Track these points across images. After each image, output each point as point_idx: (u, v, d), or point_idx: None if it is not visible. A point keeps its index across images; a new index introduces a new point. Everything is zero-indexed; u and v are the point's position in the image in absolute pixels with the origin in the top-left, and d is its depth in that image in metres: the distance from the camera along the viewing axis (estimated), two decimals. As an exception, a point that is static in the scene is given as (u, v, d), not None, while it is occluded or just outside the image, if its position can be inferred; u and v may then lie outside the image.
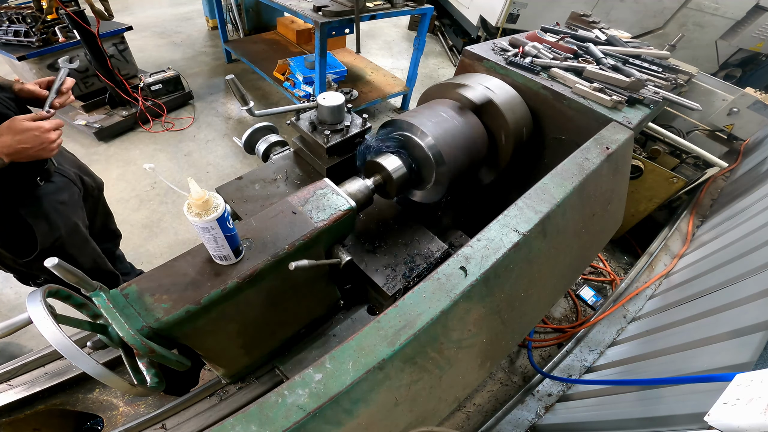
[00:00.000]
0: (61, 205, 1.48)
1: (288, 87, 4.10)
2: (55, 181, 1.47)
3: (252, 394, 1.25)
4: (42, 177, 1.40)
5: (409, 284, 1.18)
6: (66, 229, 1.49)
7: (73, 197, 1.56)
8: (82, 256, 1.61)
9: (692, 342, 1.49)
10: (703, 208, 2.80)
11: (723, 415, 0.76)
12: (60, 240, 1.47)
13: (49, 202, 1.43)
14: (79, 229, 1.57)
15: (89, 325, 0.74)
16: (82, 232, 1.60)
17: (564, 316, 2.67)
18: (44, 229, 1.41)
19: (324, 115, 1.29)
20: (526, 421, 1.84)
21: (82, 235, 1.61)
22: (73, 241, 1.54)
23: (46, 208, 1.41)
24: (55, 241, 1.45)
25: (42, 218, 1.40)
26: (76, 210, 1.57)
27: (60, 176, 1.51)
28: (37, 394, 1.30)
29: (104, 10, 3.01)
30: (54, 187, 1.47)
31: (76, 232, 1.56)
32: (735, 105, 2.65)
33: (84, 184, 1.68)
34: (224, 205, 0.73)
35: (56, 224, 1.45)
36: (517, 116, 1.49)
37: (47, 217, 1.42)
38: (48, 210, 1.42)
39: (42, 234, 1.40)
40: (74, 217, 1.55)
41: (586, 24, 2.17)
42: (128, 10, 6.39)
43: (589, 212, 1.28)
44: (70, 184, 1.56)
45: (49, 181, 1.44)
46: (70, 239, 1.52)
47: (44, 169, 1.41)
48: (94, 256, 1.70)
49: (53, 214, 1.44)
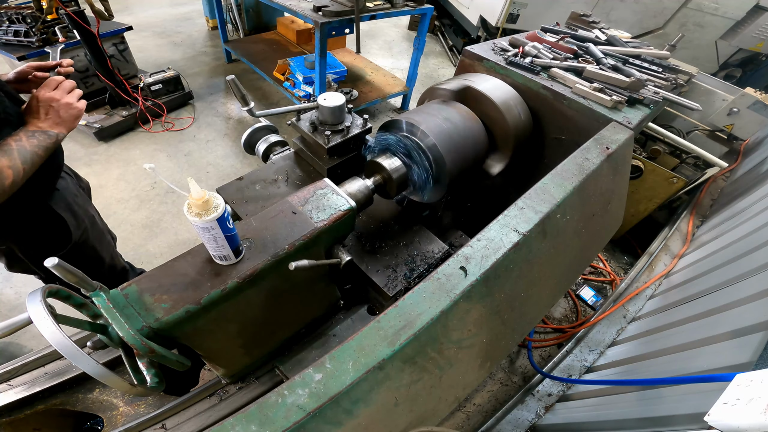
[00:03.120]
0: (77, 197, 1.48)
1: (288, 87, 4.10)
2: (64, 176, 1.47)
3: (252, 394, 1.25)
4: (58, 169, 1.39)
5: (410, 285, 1.18)
6: (89, 221, 1.49)
7: (81, 191, 1.56)
8: (103, 249, 1.61)
9: (692, 342, 1.49)
10: (703, 208, 2.80)
11: (723, 415, 0.76)
12: (86, 232, 1.46)
13: (69, 196, 1.42)
14: (96, 222, 1.57)
15: (89, 325, 0.74)
16: (99, 224, 1.60)
17: (564, 316, 2.67)
18: (73, 222, 1.40)
19: (325, 115, 1.29)
20: (526, 421, 1.84)
21: (100, 227, 1.61)
22: (95, 233, 1.54)
23: (69, 201, 1.40)
24: (83, 233, 1.45)
25: (69, 211, 1.39)
26: (88, 202, 1.57)
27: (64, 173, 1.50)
28: (37, 394, 1.30)
29: (104, 10, 3.01)
30: (66, 182, 1.46)
31: (95, 223, 1.56)
32: (735, 105, 2.64)
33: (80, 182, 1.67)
34: (224, 205, 0.73)
35: (80, 216, 1.44)
36: (517, 116, 1.49)
37: (72, 210, 1.41)
38: (71, 203, 1.41)
39: (73, 226, 1.39)
40: (90, 209, 1.55)
41: (586, 24, 2.18)
42: (128, 10, 6.39)
43: (589, 212, 1.28)
44: (73, 179, 1.56)
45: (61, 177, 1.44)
46: (92, 231, 1.52)
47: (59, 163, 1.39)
48: (111, 249, 1.70)
49: (75, 207, 1.43)
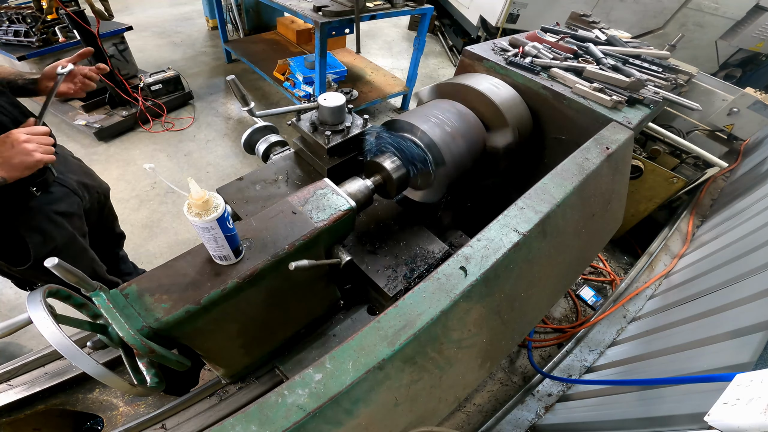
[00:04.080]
0: (58, 215, 1.46)
1: (288, 87, 4.10)
2: (53, 191, 1.46)
3: (252, 394, 1.25)
4: (38, 188, 1.38)
5: (410, 285, 1.18)
6: (62, 240, 1.48)
7: (72, 207, 1.54)
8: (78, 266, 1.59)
9: (692, 342, 1.49)
10: (703, 208, 2.80)
11: (723, 415, 0.76)
12: (56, 250, 1.45)
13: (44, 213, 1.41)
14: (76, 240, 1.56)
15: (89, 325, 0.74)
16: (79, 243, 1.58)
17: (564, 316, 2.67)
18: (38, 240, 1.40)
19: (325, 115, 1.29)
20: (526, 421, 1.84)
21: (80, 245, 1.59)
22: (69, 251, 1.52)
23: (40, 220, 1.40)
24: (50, 252, 1.43)
25: (35, 230, 1.39)
26: (73, 220, 1.55)
27: (59, 186, 1.49)
28: (37, 394, 1.30)
29: (104, 10, 3.01)
30: (52, 197, 1.45)
31: (73, 242, 1.54)
32: (735, 105, 2.64)
33: (88, 192, 1.66)
34: (224, 205, 0.73)
35: (51, 235, 1.43)
36: (517, 116, 1.49)
37: (42, 229, 1.41)
38: (42, 221, 1.41)
39: (35, 245, 1.39)
40: (72, 227, 1.53)
41: (586, 24, 2.17)
42: (128, 10, 6.39)
43: (589, 212, 1.28)
44: (70, 194, 1.54)
45: (46, 191, 1.43)
46: (66, 250, 1.50)
47: (41, 179, 1.39)
48: (93, 266, 1.68)
49: (48, 225, 1.43)
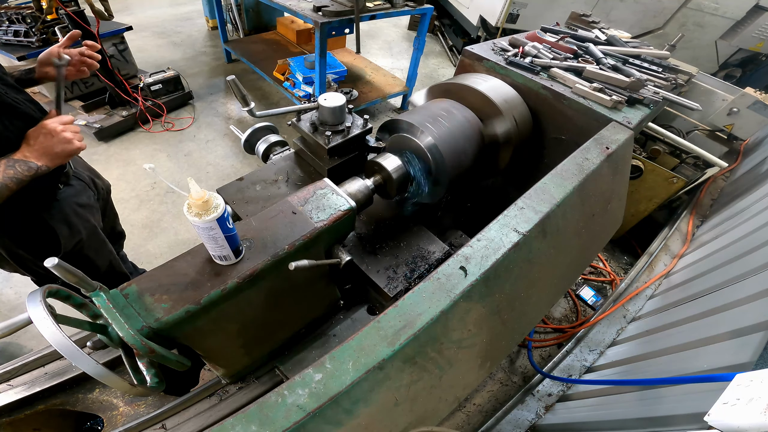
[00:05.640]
0: (80, 208, 1.49)
1: (288, 87, 4.10)
2: (73, 184, 1.49)
3: (252, 394, 1.25)
4: (61, 181, 1.42)
5: (410, 285, 1.18)
6: (86, 232, 1.51)
7: (90, 200, 1.58)
8: (99, 258, 1.62)
9: (692, 342, 1.49)
10: (703, 208, 2.80)
11: (723, 415, 0.76)
12: (81, 243, 1.48)
13: (69, 206, 1.44)
14: (97, 232, 1.59)
15: (89, 325, 0.74)
16: (100, 235, 1.61)
17: (564, 316, 2.67)
18: (66, 232, 1.42)
19: (325, 115, 1.29)
20: (526, 421, 1.84)
21: (100, 238, 1.62)
22: (92, 243, 1.55)
23: (68, 212, 1.43)
24: (77, 244, 1.46)
25: (64, 222, 1.41)
26: (93, 212, 1.59)
27: (77, 180, 1.53)
28: (37, 394, 1.30)
29: (104, 10, 3.01)
30: (73, 190, 1.48)
31: (95, 234, 1.57)
32: (735, 105, 2.64)
33: (96, 187, 1.69)
34: (224, 206, 0.73)
35: (77, 227, 1.46)
36: (517, 116, 1.49)
37: (68, 221, 1.43)
38: (69, 214, 1.43)
39: (65, 237, 1.41)
40: (93, 219, 1.56)
41: (586, 24, 2.18)
42: (128, 10, 6.39)
43: (589, 212, 1.28)
44: (86, 187, 1.58)
45: (68, 184, 1.46)
46: (89, 242, 1.53)
47: (64, 172, 1.42)
48: (110, 258, 1.71)
49: (74, 218, 1.45)
